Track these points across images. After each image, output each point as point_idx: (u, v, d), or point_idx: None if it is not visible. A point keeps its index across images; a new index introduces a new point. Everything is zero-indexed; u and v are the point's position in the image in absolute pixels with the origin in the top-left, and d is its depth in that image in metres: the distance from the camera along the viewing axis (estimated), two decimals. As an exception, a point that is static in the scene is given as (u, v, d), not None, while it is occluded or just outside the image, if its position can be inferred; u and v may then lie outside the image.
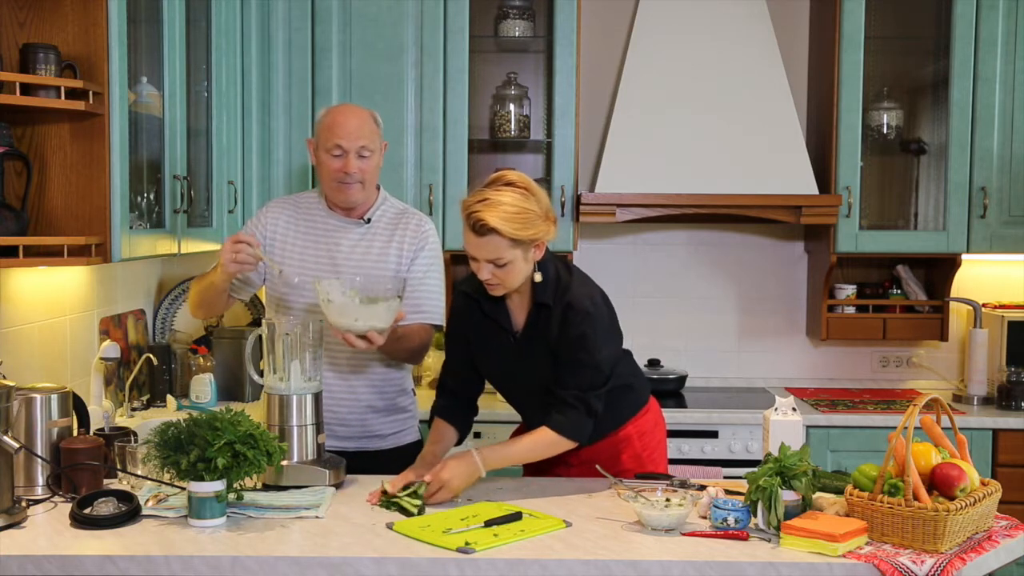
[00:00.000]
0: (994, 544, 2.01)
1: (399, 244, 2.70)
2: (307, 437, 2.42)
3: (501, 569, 1.93)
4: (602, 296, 2.48)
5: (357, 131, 2.60)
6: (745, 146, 3.76)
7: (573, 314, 2.38)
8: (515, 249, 2.31)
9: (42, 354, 2.86)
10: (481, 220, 2.27)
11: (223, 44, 3.42)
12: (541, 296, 2.41)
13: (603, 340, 2.42)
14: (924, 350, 4.15)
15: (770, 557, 1.93)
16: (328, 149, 2.61)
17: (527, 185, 2.35)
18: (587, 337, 2.37)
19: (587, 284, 2.48)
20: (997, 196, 3.76)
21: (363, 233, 2.71)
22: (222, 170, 3.43)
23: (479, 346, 2.54)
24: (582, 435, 2.40)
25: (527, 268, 2.38)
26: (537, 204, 2.33)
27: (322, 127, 2.65)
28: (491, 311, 2.48)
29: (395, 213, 2.76)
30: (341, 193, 2.66)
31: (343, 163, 2.61)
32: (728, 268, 4.18)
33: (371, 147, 2.63)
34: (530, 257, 2.36)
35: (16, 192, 2.51)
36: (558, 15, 3.72)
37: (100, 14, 2.54)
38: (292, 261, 2.69)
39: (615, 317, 2.52)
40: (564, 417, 2.38)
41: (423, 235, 2.73)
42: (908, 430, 1.95)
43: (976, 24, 3.72)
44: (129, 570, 1.92)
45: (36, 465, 2.27)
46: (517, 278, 2.37)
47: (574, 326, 2.37)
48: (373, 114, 2.69)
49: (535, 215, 2.32)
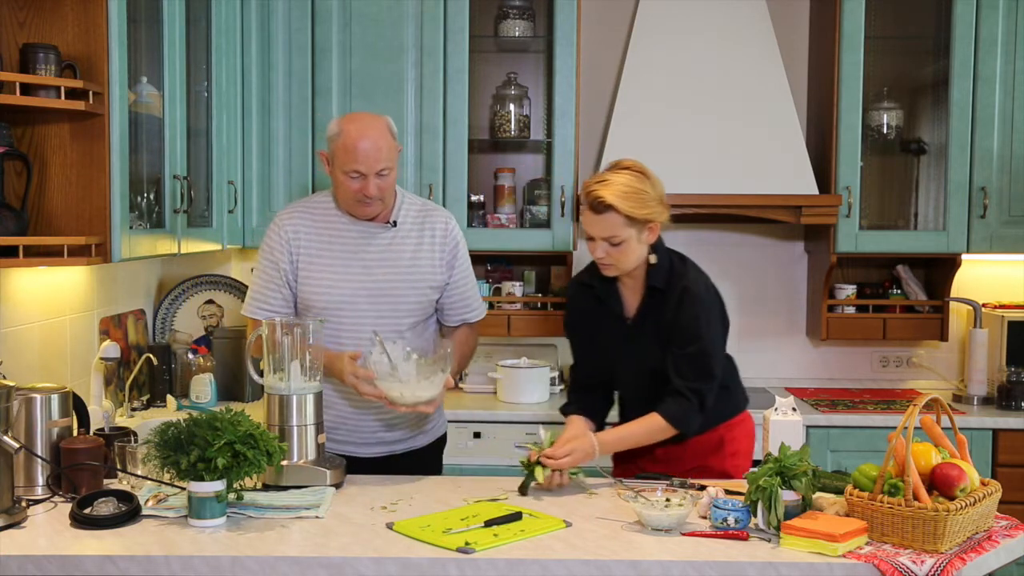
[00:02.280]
0: (994, 544, 2.01)
1: (430, 246, 2.65)
2: (307, 437, 2.42)
3: (501, 569, 1.93)
4: (715, 287, 2.59)
5: (376, 154, 2.49)
6: (745, 146, 3.76)
7: (689, 298, 2.48)
8: (630, 228, 2.43)
9: (42, 354, 2.86)
10: (599, 197, 2.41)
11: (223, 44, 3.42)
12: (655, 280, 2.51)
13: (716, 328, 2.54)
14: (924, 350, 4.15)
15: (770, 557, 1.93)
16: (346, 171, 2.51)
17: (642, 169, 2.50)
18: (700, 321, 2.48)
19: (702, 273, 2.59)
20: (997, 196, 3.75)
21: (391, 237, 2.63)
22: (222, 170, 3.43)
23: (592, 333, 2.63)
24: (690, 426, 2.49)
25: (641, 250, 2.49)
26: (652, 187, 2.47)
27: (338, 147, 2.52)
28: (604, 295, 2.58)
29: (417, 211, 2.68)
30: (360, 211, 2.58)
31: (362, 185, 2.51)
32: (728, 268, 4.17)
33: (390, 164, 2.53)
34: (644, 239, 2.47)
35: (16, 192, 2.51)
36: (558, 15, 3.72)
37: (100, 14, 2.54)
38: (321, 274, 2.59)
39: (725, 311, 2.61)
40: (677, 406, 2.47)
41: (452, 235, 2.69)
42: (908, 430, 1.95)
43: (976, 24, 3.72)
44: (129, 570, 1.92)
45: (36, 465, 2.27)
46: (631, 259, 2.48)
47: (688, 309, 2.47)
48: (388, 125, 2.58)
49: (650, 196, 2.45)
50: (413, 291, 2.62)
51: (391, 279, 2.60)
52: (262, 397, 2.52)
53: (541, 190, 3.90)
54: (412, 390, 2.42)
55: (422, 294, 2.64)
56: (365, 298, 2.59)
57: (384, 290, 2.60)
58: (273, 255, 2.61)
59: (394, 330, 2.59)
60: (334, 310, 2.58)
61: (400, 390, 2.42)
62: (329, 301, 2.58)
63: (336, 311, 2.58)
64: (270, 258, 2.62)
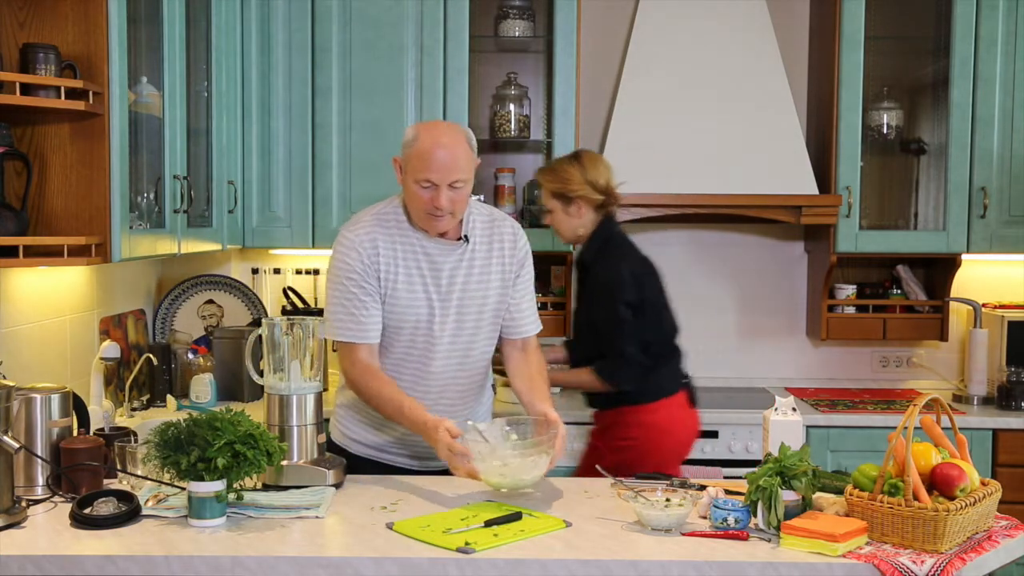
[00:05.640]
0: (994, 544, 2.01)
1: (499, 260, 2.54)
2: (307, 437, 2.42)
3: (501, 569, 1.93)
4: (638, 274, 3.07)
5: (451, 164, 2.35)
6: (745, 146, 3.76)
7: (592, 275, 3.15)
8: (553, 200, 3.19)
9: (42, 354, 2.86)
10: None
11: (223, 44, 3.42)
12: (583, 255, 3.16)
13: (611, 309, 3.00)
14: (924, 350, 4.15)
15: (770, 557, 1.93)
16: (417, 180, 2.37)
17: (581, 155, 3.20)
18: (594, 298, 3.11)
19: (625, 259, 3.09)
20: (997, 196, 3.76)
21: (462, 253, 2.50)
22: (222, 170, 3.43)
23: None
24: (608, 381, 3.04)
25: (568, 222, 3.18)
26: (581, 170, 3.12)
27: (412, 153, 2.39)
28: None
29: (484, 222, 2.56)
30: (430, 224, 2.43)
31: (433, 196, 2.37)
32: (728, 268, 4.17)
33: (464, 177, 2.38)
34: (572, 212, 3.14)
35: (16, 192, 2.51)
36: (558, 15, 3.72)
37: (100, 14, 2.54)
38: (398, 292, 2.46)
39: (641, 293, 3.04)
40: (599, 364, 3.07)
41: (521, 247, 2.60)
42: (908, 430, 1.95)
43: (976, 24, 3.72)
44: (129, 570, 1.92)
45: (36, 465, 2.27)
46: (559, 228, 3.23)
47: (588, 286, 3.17)
48: (467, 136, 2.43)
49: (573, 177, 3.13)
50: (489, 306, 2.53)
51: (470, 297, 2.50)
52: (262, 397, 2.52)
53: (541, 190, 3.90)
54: (514, 472, 2.26)
55: (496, 309, 2.56)
56: (442, 318, 2.48)
57: (463, 309, 2.50)
58: (354, 274, 2.44)
59: (468, 348, 2.52)
60: (409, 330, 2.48)
61: (500, 473, 2.25)
62: (405, 321, 2.47)
63: (412, 332, 2.48)
64: (352, 278, 2.44)
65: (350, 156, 3.71)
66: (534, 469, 2.27)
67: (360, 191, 3.68)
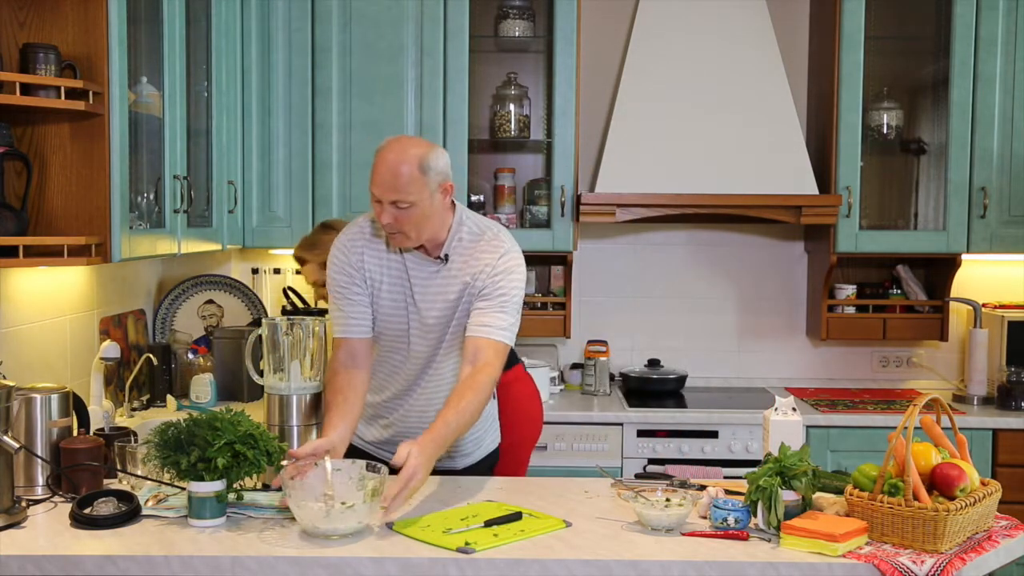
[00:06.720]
0: (994, 544, 2.01)
1: (471, 286, 2.43)
2: (307, 437, 2.42)
3: (501, 569, 1.93)
4: None
5: (391, 182, 2.28)
6: (745, 146, 3.76)
7: None
8: None
9: (42, 354, 2.86)
10: None
11: (223, 44, 3.42)
12: None
13: None
14: (924, 350, 4.15)
15: (770, 557, 1.93)
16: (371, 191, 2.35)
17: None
18: None
19: None
20: (997, 196, 3.76)
21: (435, 272, 2.45)
22: (222, 170, 3.43)
23: None
24: None
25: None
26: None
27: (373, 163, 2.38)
28: None
29: (471, 241, 2.46)
30: (390, 238, 2.42)
31: (379, 211, 2.34)
32: (728, 268, 4.18)
33: (409, 199, 2.29)
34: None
35: (16, 192, 2.51)
36: (558, 15, 3.72)
37: (100, 14, 2.54)
38: (382, 296, 2.46)
39: None
40: None
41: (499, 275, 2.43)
42: (908, 430, 1.95)
43: (976, 24, 3.72)
44: (129, 570, 1.92)
45: (36, 465, 2.27)
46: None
47: None
48: (421, 158, 2.30)
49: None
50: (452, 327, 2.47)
51: (435, 316, 2.45)
52: (262, 397, 2.52)
53: (541, 190, 3.90)
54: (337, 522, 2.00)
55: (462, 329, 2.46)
56: (416, 328, 2.47)
57: (431, 324, 2.46)
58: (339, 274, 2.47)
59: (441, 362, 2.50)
60: (389, 336, 2.49)
61: (323, 523, 2.00)
62: (388, 328, 2.48)
63: (391, 338, 2.49)
64: (335, 278, 2.48)
65: (350, 156, 3.71)
66: (367, 514, 2.04)
67: (360, 191, 3.68)
